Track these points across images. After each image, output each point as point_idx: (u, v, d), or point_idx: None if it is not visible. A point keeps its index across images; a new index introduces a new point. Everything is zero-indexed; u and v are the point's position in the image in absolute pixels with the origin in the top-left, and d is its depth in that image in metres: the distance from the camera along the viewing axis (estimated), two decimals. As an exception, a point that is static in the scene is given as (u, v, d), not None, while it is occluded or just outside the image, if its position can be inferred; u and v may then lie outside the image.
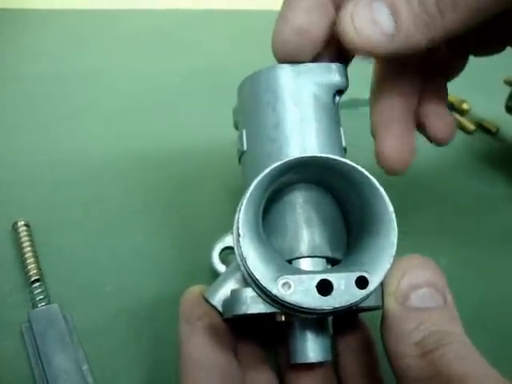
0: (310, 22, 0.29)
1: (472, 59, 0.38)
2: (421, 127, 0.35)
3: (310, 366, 0.30)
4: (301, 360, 0.28)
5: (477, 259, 0.44)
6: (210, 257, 0.35)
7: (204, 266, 0.37)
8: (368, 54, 0.27)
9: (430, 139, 0.36)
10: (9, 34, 0.73)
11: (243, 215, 0.25)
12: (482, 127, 0.58)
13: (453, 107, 0.60)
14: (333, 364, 0.31)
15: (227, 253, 0.34)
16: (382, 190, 0.25)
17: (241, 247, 0.25)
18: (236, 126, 0.34)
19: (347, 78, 0.31)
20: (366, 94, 0.60)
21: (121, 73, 0.66)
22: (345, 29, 0.27)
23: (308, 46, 0.29)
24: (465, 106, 0.59)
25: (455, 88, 0.61)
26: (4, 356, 0.36)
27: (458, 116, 0.59)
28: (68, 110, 0.59)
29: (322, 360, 0.28)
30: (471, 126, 0.58)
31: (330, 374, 0.31)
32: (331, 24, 0.29)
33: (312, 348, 0.28)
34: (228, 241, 0.33)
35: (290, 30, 0.29)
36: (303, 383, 0.30)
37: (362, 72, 0.36)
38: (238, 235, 0.25)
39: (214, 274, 0.34)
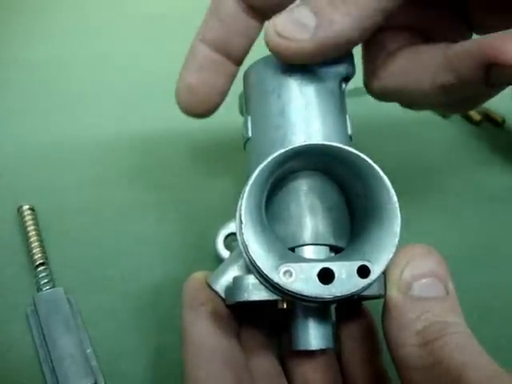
0: (201, 81, 0.31)
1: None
2: None
3: (312, 353, 0.30)
4: (303, 347, 0.28)
5: (481, 249, 0.44)
6: (214, 242, 0.35)
7: (208, 252, 0.37)
8: (295, 56, 0.27)
9: None
10: (15, 18, 0.72)
11: (246, 202, 0.25)
12: (488, 118, 0.58)
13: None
14: (335, 351, 0.31)
15: (232, 239, 0.34)
16: (386, 178, 0.25)
17: (243, 234, 0.25)
18: (241, 112, 0.34)
19: (354, 65, 0.31)
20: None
21: (127, 57, 0.66)
22: (268, 37, 0.27)
23: (201, 102, 0.32)
24: (471, 96, 0.59)
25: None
26: (9, 339, 0.36)
27: (464, 106, 0.59)
28: (74, 94, 0.59)
29: (324, 347, 0.28)
30: (477, 117, 0.57)
31: (332, 362, 0.31)
32: (230, 79, 0.31)
33: (314, 335, 0.28)
34: (232, 227, 0.34)
35: (183, 88, 0.32)
36: (305, 370, 0.30)
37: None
38: (241, 222, 0.25)
39: (219, 260, 0.35)
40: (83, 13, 0.75)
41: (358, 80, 0.32)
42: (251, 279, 0.26)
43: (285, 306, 0.27)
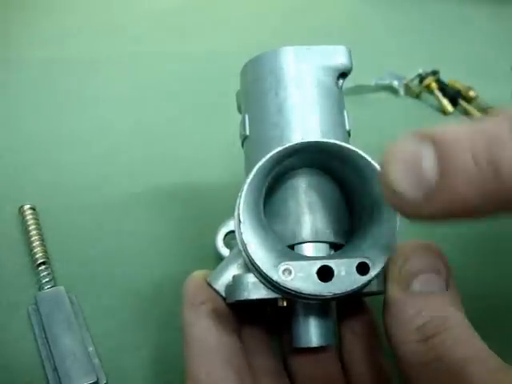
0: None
1: (479, 46, 0.38)
2: None
3: (313, 350, 0.30)
4: (304, 344, 0.28)
5: (482, 247, 0.44)
6: (214, 240, 0.35)
7: (209, 250, 0.37)
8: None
9: None
10: (16, 19, 0.73)
11: (244, 201, 0.25)
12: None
13: (460, 95, 0.59)
14: (336, 348, 0.31)
15: (231, 237, 0.34)
16: None
17: (241, 233, 0.25)
18: (239, 110, 0.34)
19: (351, 61, 0.30)
20: (370, 81, 0.60)
21: (125, 58, 0.66)
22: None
23: None
24: (471, 94, 0.59)
25: (462, 75, 0.61)
26: (11, 337, 0.37)
27: (464, 104, 0.59)
28: (73, 94, 0.59)
29: (325, 344, 0.28)
30: (478, 114, 0.57)
31: (332, 358, 0.31)
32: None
33: (315, 332, 0.28)
34: (232, 225, 0.33)
35: None
36: (306, 367, 0.31)
37: (369, 59, 0.36)
38: (239, 221, 0.25)
39: (218, 258, 0.35)
40: (88, 13, 0.75)
41: (359, 78, 0.32)
42: (251, 278, 0.26)
43: (285, 304, 0.27)
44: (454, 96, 0.59)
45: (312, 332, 0.28)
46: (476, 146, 0.17)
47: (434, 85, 0.60)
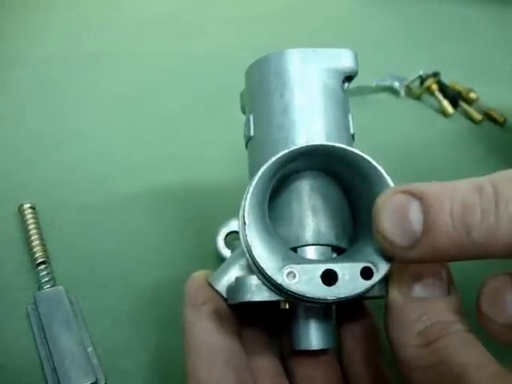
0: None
1: (480, 48, 0.38)
2: None
3: (313, 353, 0.30)
4: (304, 347, 0.28)
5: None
6: (215, 241, 0.35)
7: (209, 250, 0.37)
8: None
9: None
10: (17, 18, 0.73)
11: (249, 203, 0.25)
12: (489, 117, 0.58)
13: (460, 96, 0.59)
14: (336, 351, 0.31)
15: (232, 237, 0.34)
16: (388, 179, 0.25)
17: (246, 235, 0.24)
18: (243, 110, 0.33)
19: (357, 64, 0.30)
20: (371, 82, 0.60)
21: (126, 56, 0.66)
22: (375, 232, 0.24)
23: None
24: (472, 96, 0.59)
25: (463, 77, 0.61)
26: (10, 337, 0.36)
27: (465, 105, 0.59)
28: (74, 92, 0.59)
29: (325, 347, 0.28)
30: (478, 116, 0.57)
31: (332, 361, 0.31)
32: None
33: (315, 335, 0.28)
34: (233, 225, 0.33)
35: None
36: (306, 370, 0.31)
37: (370, 60, 0.35)
38: (244, 223, 0.25)
39: (219, 259, 0.34)
40: (89, 12, 0.75)
41: (360, 79, 0.32)
42: (254, 280, 0.26)
43: (287, 307, 0.27)
44: (455, 98, 0.59)
45: (312, 335, 0.28)
46: (454, 207, 0.21)
47: (434, 86, 0.60)
